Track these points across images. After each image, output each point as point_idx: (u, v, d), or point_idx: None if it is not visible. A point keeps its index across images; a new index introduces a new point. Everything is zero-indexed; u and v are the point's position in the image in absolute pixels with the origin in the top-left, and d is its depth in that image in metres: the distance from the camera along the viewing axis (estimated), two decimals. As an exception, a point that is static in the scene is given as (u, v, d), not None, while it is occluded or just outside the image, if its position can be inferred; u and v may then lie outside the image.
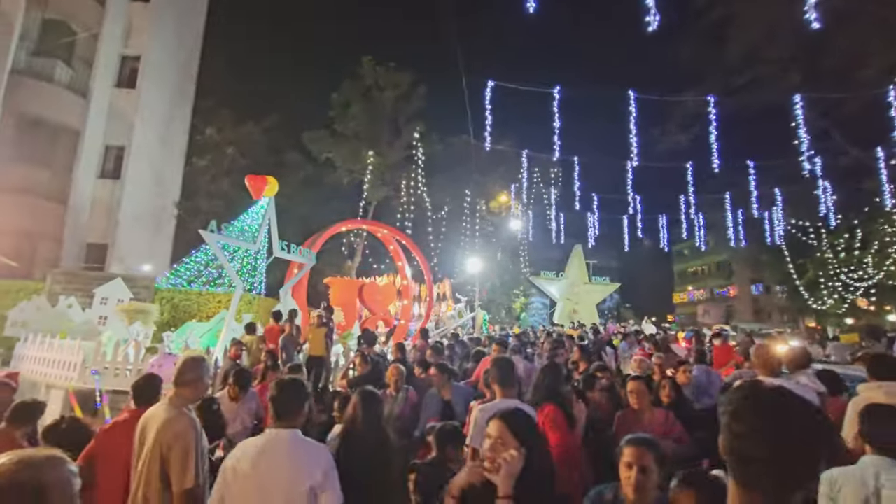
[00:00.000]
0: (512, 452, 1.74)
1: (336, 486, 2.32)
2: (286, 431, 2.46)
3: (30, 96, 14.98)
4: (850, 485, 2.14)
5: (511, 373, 4.22)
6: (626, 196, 20.37)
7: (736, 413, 1.00)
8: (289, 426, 2.47)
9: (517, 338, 14.08)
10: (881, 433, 2.24)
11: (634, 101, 12.11)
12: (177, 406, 2.81)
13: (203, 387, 3.07)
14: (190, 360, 3.36)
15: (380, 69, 22.59)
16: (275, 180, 11.80)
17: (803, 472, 0.94)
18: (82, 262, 16.02)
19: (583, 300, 32.65)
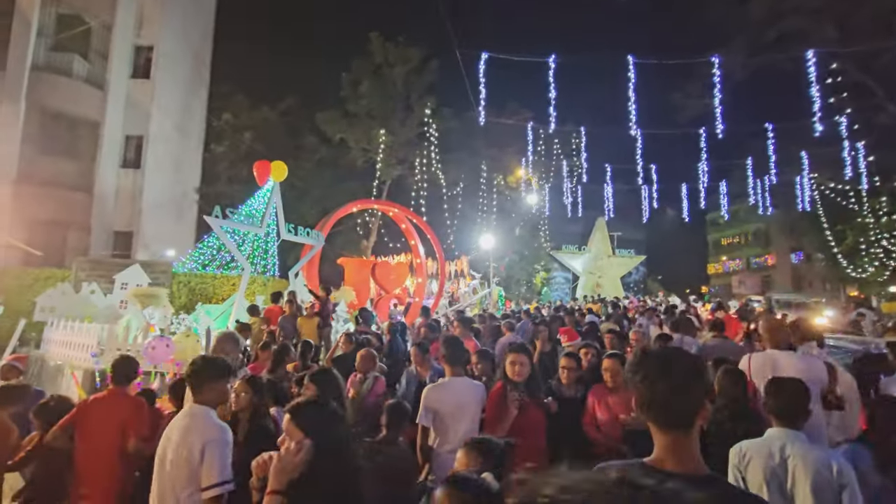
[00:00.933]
0: (289, 446, 1.67)
1: (217, 464, 2.42)
2: (193, 406, 2.65)
3: (50, 91, 15.59)
4: (757, 457, 2.17)
5: (459, 351, 4.24)
6: (650, 165, 19.67)
7: (636, 370, 1.25)
8: (201, 402, 2.66)
9: (526, 314, 14.06)
10: (785, 406, 2.27)
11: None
12: None
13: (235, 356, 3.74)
14: (223, 336, 3.94)
15: (389, 45, 22.27)
16: (282, 164, 11.94)
17: (689, 404, 1.19)
18: (110, 249, 16.83)
19: (607, 273, 32.13)
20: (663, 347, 3.40)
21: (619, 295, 29.34)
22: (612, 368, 3.80)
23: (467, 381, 3.91)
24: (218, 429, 2.59)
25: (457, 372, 3.93)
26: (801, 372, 3.01)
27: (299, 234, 12.86)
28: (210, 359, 2.93)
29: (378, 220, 22.80)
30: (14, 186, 14.83)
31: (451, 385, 3.89)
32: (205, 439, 2.48)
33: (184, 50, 19.93)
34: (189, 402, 2.74)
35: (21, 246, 12.28)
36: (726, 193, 22.57)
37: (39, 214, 15.29)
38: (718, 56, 10.69)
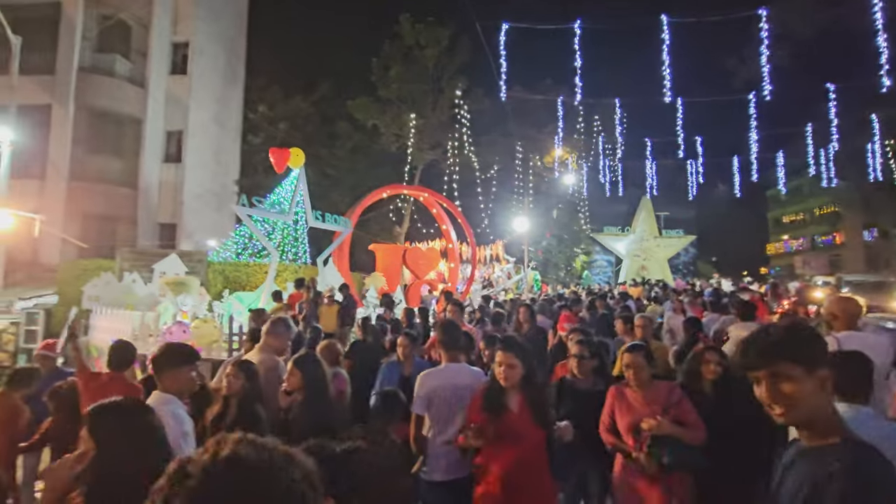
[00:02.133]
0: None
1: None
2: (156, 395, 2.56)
3: (96, 91, 16.35)
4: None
5: (456, 335, 3.91)
6: (697, 137, 18.24)
7: None
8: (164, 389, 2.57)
9: (560, 298, 13.50)
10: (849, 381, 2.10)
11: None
12: (265, 352, 3.71)
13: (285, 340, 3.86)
14: (276, 319, 3.98)
15: (419, 26, 21.84)
16: (300, 151, 11.88)
17: None
18: (156, 240, 17.65)
19: (653, 256, 30.61)
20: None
21: (666, 278, 27.92)
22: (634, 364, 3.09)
23: (466, 367, 3.60)
24: (174, 419, 2.45)
25: (453, 357, 3.62)
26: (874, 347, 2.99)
27: (327, 221, 12.88)
28: (173, 345, 2.82)
29: (411, 205, 22.68)
30: (67, 184, 15.75)
31: (448, 371, 3.60)
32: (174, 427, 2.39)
33: (219, 44, 20.38)
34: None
35: (69, 239, 13.02)
36: (783, 165, 20.65)
37: (90, 209, 16.19)
38: (766, 8, 9.50)
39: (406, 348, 4.27)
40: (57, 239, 15.55)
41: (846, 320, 3.34)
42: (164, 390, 2.56)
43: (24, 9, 16.18)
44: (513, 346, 3.07)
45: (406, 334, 4.40)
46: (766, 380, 1.29)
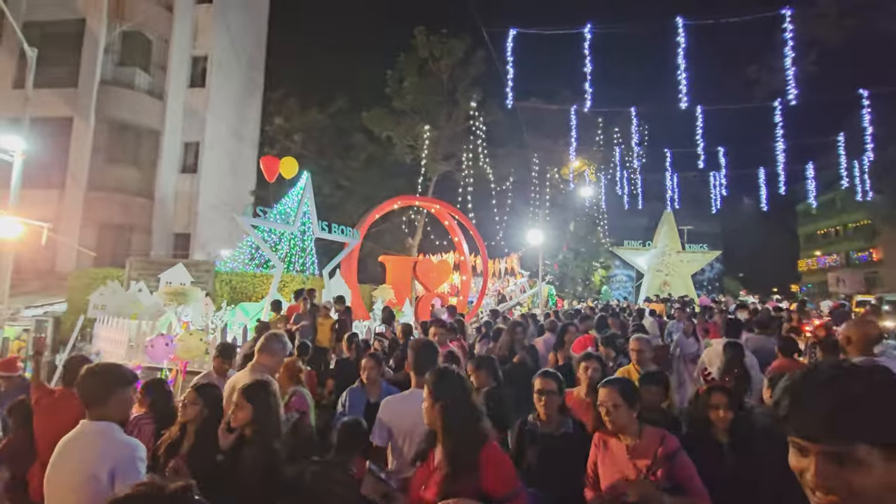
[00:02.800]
0: None
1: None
2: (91, 423, 2.25)
3: (116, 104, 16.73)
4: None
5: (427, 357, 3.56)
6: (720, 148, 17.50)
7: None
8: (96, 417, 2.25)
9: (577, 314, 12.98)
10: None
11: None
12: (257, 371, 3.34)
13: (279, 358, 3.55)
14: (271, 335, 3.67)
15: (433, 39, 21.84)
16: (293, 160, 11.82)
17: None
18: (171, 250, 17.82)
19: (676, 271, 29.62)
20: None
21: (691, 294, 26.90)
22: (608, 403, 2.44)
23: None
24: (127, 446, 2.21)
25: (423, 383, 3.27)
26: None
27: (333, 232, 12.72)
28: (106, 366, 2.52)
29: (424, 217, 22.46)
30: (85, 193, 16.06)
31: (414, 397, 3.23)
32: (114, 462, 2.11)
33: (237, 57, 20.74)
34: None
35: (78, 247, 13.17)
36: (814, 178, 19.63)
37: (107, 218, 16.47)
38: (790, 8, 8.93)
39: (372, 371, 3.90)
40: (73, 248, 15.83)
41: (862, 345, 3.12)
42: (99, 417, 2.24)
43: (50, 25, 16.80)
44: (441, 380, 2.39)
45: (371, 356, 4.02)
46: (817, 457, 0.83)
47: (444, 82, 22.58)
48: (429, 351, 3.55)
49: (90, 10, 16.62)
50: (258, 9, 22.50)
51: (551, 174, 24.87)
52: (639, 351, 4.13)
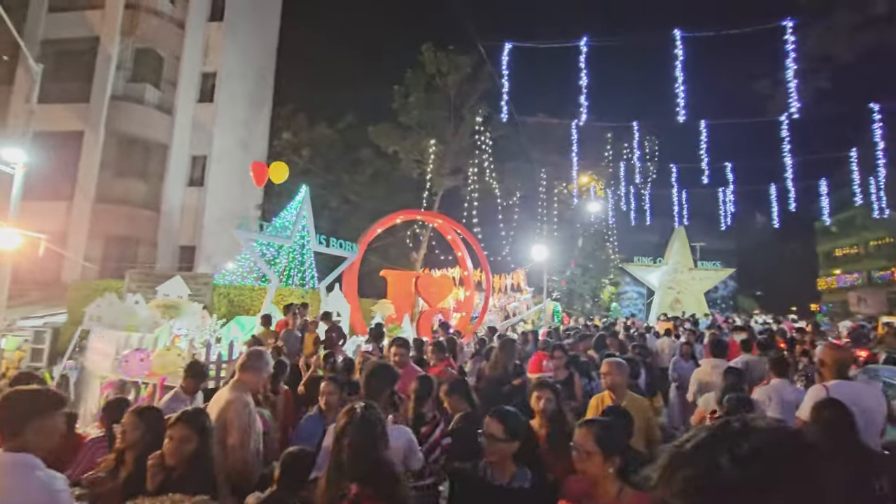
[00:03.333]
0: None
1: None
2: (11, 456, 2.02)
3: (126, 118, 17.05)
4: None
5: (380, 385, 3.35)
6: (731, 163, 17.07)
7: None
8: (17, 447, 2.02)
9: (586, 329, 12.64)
10: None
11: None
12: (238, 389, 3.23)
13: (262, 377, 3.42)
14: (253, 352, 3.56)
15: (440, 55, 21.98)
16: (283, 166, 11.71)
17: None
18: (176, 262, 17.92)
19: (688, 289, 28.93)
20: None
21: (703, 312, 26.19)
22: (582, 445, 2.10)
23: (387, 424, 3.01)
24: (42, 489, 1.98)
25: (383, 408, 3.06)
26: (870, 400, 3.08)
27: (331, 246, 12.63)
28: (24, 392, 2.28)
29: (429, 231, 22.33)
30: (93, 205, 16.29)
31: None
32: (37, 500, 1.93)
33: (246, 73, 21.09)
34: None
35: (80, 260, 13.28)
36: (828, 194, 19.06)
37: (113, 230, 16.65)
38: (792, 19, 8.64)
39: (331, 396, 3.67)
40: (79, 259, 16.00)
41: (836, 369, 3.26)
42: (19, 448, 2.01)
43: (66, 42, 17.29)
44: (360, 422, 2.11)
45: (331, 379, 3.79)
46: None
47: (451, 98, 22.65)
48: (384, 375, 3.34)
49: (104, 29, 17.06)
50: (268, 26, 22.92)
51: (559, 189, 24.62)
52: (609, 375, 3.79)
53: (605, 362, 3.94)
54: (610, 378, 3.80)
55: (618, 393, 3.78)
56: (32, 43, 17.33)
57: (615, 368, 3.85)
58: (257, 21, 21.85)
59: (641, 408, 3.73)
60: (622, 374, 3.85)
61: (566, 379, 5.76)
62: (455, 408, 4.31)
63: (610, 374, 3.81)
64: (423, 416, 4.02)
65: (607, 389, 3.84)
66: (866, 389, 3.31)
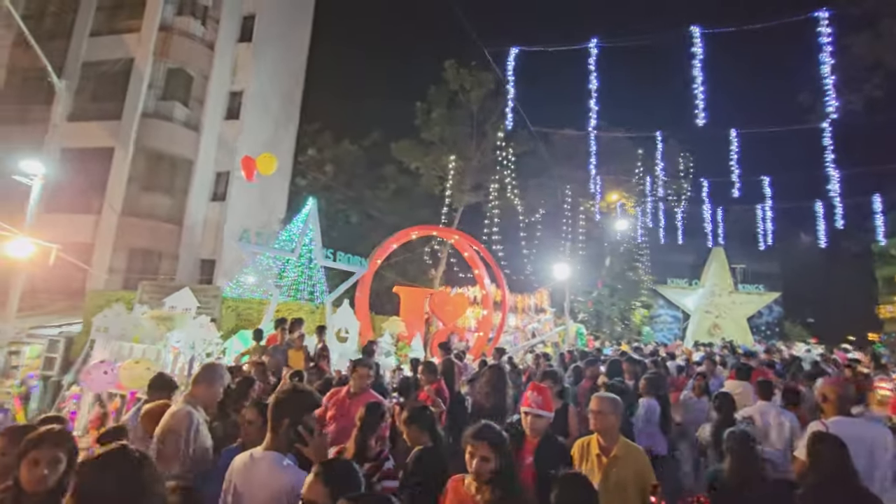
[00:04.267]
0: None
1: None
2: None
3: (154, 135, 17.63)
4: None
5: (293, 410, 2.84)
6: (768, 178, 15.84)
7: None
8: None
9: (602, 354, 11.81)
10: None
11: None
12: (187, 402, 3.14)
13: (216, 390, 3.31)
14: (206, 366, 3.56)
15: (463, 71, 21.85)
16: (271, 157, 11.39)
17: None
18: (197, 275, 18.19)
19: (727, 313, 27.09)
20: None
21: (744, 339, 24.40)
22: None
23: (276, 461, 2.50)
24: None
25: (279, 443, 2.56)
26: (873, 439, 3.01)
27: (339, 260, 12.35)
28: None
29: (448, 248, 21.89)
30: (119, 218, 16.78)
31: (258, 465, 2.53)
32: None
33: (273, 92, 21.58)
34: None
35: (102, 272, 13.54)
36: (884, 212, 17.33)
37: (138, 243, 17.07)
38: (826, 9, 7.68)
39: (250, 426, 3.19)
40: (104, 269, 16.44)
41: (838, 405, 3.22)
42: None
43: (103, 64, 18.17)
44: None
45: (255, 404, 3.32)
46: None
47: (474, 113, 22.41)
48: (289, 401, 2.82)
49: (139, 50, 17.84)
50: (297, 47, 23.51)
51: (585, 206, 23.74)
52: (598, 414, 3.11)
53: (595, 398, 3.29)
54: (599, 419, 3.13)
55: (607, 437, 3.12)
56: (74, 65, 18.36)
57: (607, 406, 3.17)
58: (286, 42, 22.46)
59: (636, 460, 3.04)
60: (616, 414, 3.17)
61: (559, 411, 5.10)
62: (415, 441, 3.76)
63: (600, 412, 3.14)
64: (365, 451, 3.49)
65: (597, 433, 3.17)
66: (870, 427, 3.20)
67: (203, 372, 3.46)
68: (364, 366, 4.07)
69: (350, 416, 3.40)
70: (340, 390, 3.98)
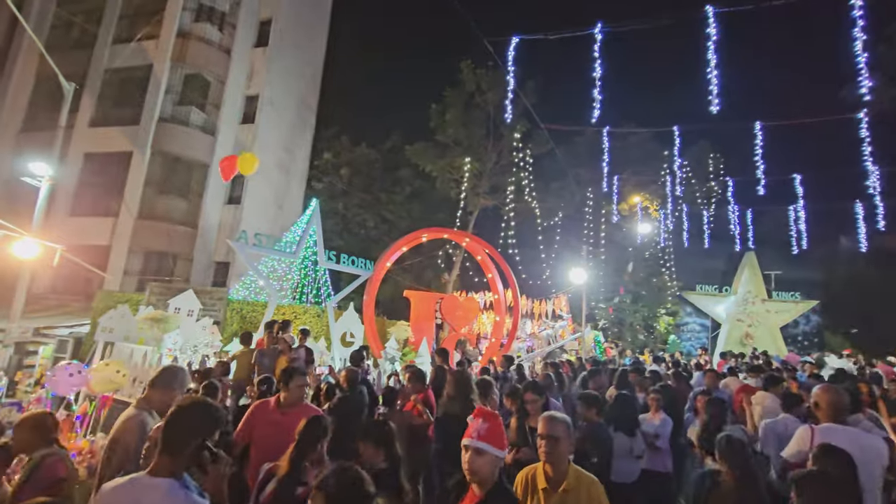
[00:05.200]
0: None
1: None
2: None
3: (171, 139, 17.86)
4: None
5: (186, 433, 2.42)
6: (799, 176, 14.71)
7: None
8: None
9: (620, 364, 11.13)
10: None
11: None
12: (140, 407, 2.96)
13: (172, 396, 3.03)
14: (164, 369, 3.27)
15: (479, 72, 21.41)
16: (252, 157, 11.14)
17: None
18: (211, 278, 18.27)
19: (761, 322, 25.59)
20: None
21: (778, 349, 22.96)
22: None
23: (171, 491, 2.09)
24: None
25: (169, 466, 2.15)
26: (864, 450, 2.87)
27: (342, 263, 12.06)
28: None
29: (462, 252, 21.41)
30: (135, 222, 17.01)
31: (147, 496, 2.14)
32: None
33: (289, 96, 21.66)
34: None
35: (117, 275, 13.64)
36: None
37: (153, 246, 17.26)
38: None
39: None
40: (119, 271, 16.66)
41: (831, 412, 3.19)
42: None
43: (123, 71, 18.57)
44: None
45: None
46: None
47: (491, 114, 21.91)
48: (191, 417, 2.40)
49: (157, 56, 18.15)
50: (314, 51, 23.57)
51: (606, 209, 22.88)
52: (549, 439, 2.62)
53: (543, 418, 2.78)
54: (550, 444, 2.62)
55: (557, 467, 2.61)
56: (97, 72, 18.83)
57: (560, 429, 2.66)
58: (303, 46, 22.54)
59: (591, 494, 2.51)
60: (568, 439, 2.67)
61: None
62: (369, 460, 3.31)
63: (551, 437, 2.63)
64: (299, 472, 3.07)
65: (543, 460, 2.66)
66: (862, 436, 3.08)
67: (160, 375, 3.21)
68: (300, 374, 3.64)
69: (283, 432, 2.97)
70: (269, 402, 3.56)
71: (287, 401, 3.46)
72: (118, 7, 19.28)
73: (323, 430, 3.20)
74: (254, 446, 3.32)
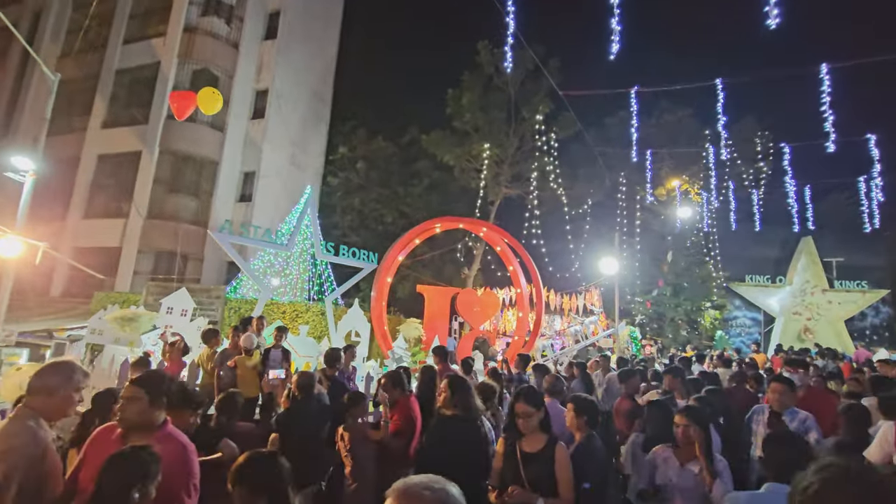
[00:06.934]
0: None
1: None
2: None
3: (179, 136, 17.44)
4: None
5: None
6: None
7: None
8: None
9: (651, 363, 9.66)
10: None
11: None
12: (20, 418, 2.32)
13: (58, 400, 2.38)
14: (49, 365, 2.55)
15: (497, 52, 19.99)
16: (214, 92, 9.95)
17: None
18: (223, 277, 17.72)
19: (822, 314, 23.01)
20: None
21: (843, 345, 20.45)
22: None
23: None
24: None
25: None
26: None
27: (342, 255, 11.04)
28: None
29: (484, 244, 20.10)
30: (145, 222, 16.65)
31: None
32: None
33: (301, 89, 20.97)
34: None
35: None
36: None
37: (163, 246, 16.86)
38: None
39: None
40: (129, 271, 16.32)
41: None
42: None
43: (133, 71, 18.35)
44: None
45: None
46: None
47: (512, 97, 20.46)
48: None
49: (164, 53, 17.81)
50: (326, 45, 22.84)
51: (641, 195, 21.00)
52: None
53: None
54: None
55: None
56: (108, 74, 18.70)
57: None
58: (314, 38, 21.83)
59: None
60: None
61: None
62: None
63: None
64: None
65: None
66: None
67: (41, 376, 2.38)
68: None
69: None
70: (112, 430, 2.46)
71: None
72: (128, 7, 19.11)
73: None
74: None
